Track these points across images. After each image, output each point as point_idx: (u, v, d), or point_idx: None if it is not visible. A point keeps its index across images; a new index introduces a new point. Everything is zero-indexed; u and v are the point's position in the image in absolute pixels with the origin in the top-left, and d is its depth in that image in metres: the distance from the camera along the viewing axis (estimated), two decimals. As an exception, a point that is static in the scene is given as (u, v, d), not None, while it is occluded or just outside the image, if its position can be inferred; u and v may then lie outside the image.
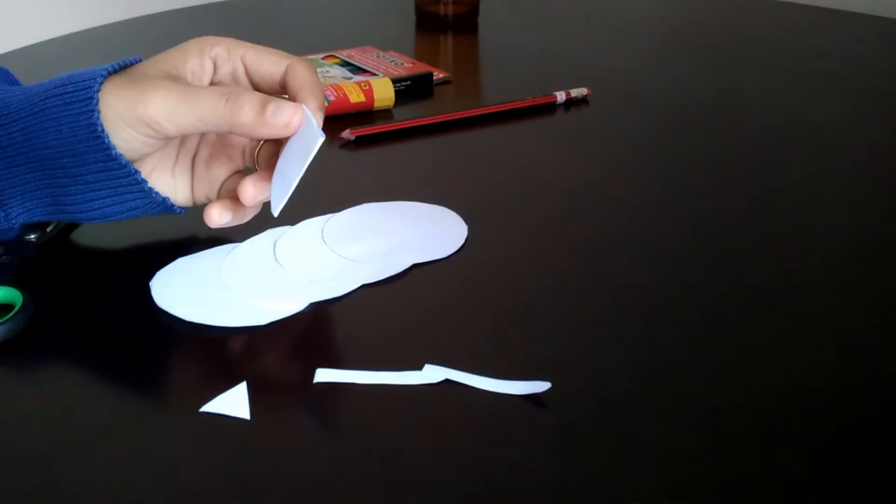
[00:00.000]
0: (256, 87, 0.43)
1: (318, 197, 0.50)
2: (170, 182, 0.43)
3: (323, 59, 0.77)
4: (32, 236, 0.44)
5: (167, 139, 0.40)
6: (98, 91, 0.38)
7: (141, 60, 0.42)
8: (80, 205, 0.41)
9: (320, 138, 0.38)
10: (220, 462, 0.31)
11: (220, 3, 1.04)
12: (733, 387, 0.35)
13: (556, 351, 0.37)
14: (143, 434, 0.32)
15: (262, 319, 0.39)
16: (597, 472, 0.30)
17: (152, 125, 0.38)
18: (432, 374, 0.35)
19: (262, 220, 0.44)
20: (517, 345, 0.37)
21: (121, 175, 0.40)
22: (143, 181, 0.40)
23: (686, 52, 0.85)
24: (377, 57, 0.77)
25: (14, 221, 0.41)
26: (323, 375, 0.35)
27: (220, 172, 0.44)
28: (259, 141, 0.44)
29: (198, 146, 0.44)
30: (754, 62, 0.81)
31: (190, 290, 0.41)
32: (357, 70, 0.74)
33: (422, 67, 0.74)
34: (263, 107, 0.39)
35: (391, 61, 0.76)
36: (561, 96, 0.67)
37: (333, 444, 0.32)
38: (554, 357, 0.37)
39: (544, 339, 0.38)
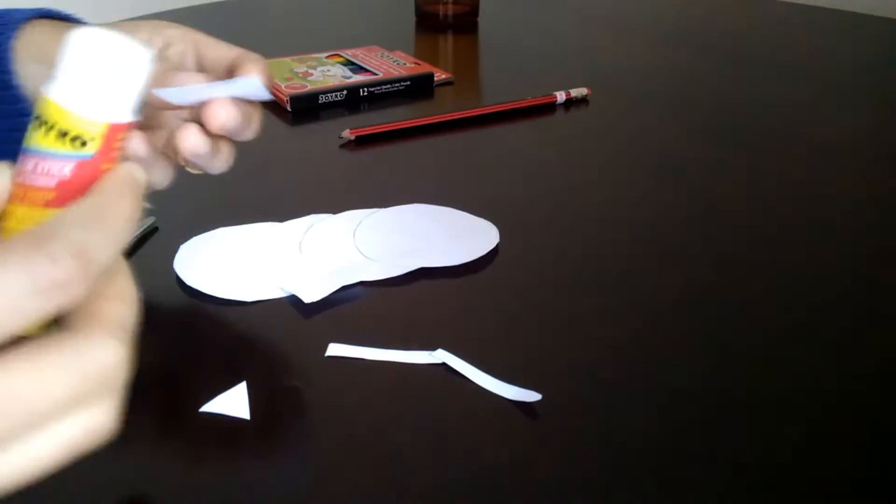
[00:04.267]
0: (202, 70, 0.41)
1: (317, 196, 0.50)
2: None
3: (327, 57, 0.77)
4: None
5: None
6: (25, 20, 0.37)
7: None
8: None
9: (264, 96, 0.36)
10: (220, 462, 0.31)
11: (222, 2, 1.04)
12: (732, 388, 0.35)
13: (557, 351, 0.37)
14: (144, 435, 0.32)
15: (250, 296, 0.41)
16: (597, 472, 0.30)
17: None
18: (439, 356, 0.36)
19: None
20: (516, 345, 0.38)
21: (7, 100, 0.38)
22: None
23: (686, 52, 0.85)
24: (380, 56, 0.78)
25: None
26: (335, 350, 0.37)
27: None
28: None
29: None
30: (754, 62, 0.81)
31: (208, 257, 0.44)
32: (359, 69, 0.74)
33: (426, 68, 0.74)
34: None
35: (394, 61, 0.76)
36: (561, 96, 0.68)
37: (334, 443, 0.32)
38: (554, 357, 0.37)
39: (545, 339, 0.38)
